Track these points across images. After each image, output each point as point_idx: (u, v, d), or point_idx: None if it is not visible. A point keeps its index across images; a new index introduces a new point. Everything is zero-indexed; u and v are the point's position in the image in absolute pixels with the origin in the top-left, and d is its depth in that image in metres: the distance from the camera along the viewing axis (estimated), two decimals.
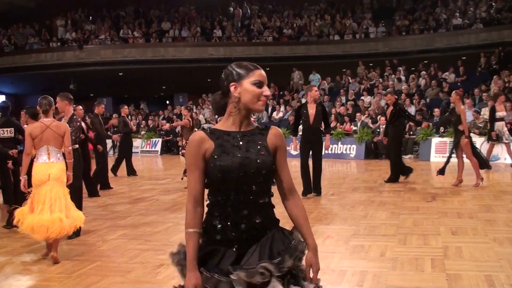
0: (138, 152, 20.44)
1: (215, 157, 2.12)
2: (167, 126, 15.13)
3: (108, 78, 25.36)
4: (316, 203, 8.20)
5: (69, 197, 5.47)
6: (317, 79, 21.46)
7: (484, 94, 16.09)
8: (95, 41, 25.05)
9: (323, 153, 8.90)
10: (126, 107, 12.80)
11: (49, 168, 5.37)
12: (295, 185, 2.34)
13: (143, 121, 23.15)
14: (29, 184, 5.45)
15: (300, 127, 8.86)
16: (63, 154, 5.62)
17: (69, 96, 6.71)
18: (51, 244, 5.32)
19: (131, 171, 12.89)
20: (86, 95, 26.27)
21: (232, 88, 2.18)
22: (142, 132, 21.78)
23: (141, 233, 6.50)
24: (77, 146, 6.76)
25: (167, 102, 29.48)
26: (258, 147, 2.18)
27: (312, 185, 8.72)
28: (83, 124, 8.13)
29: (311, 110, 8.49)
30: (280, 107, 20.12)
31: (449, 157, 9.56)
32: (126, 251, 5.62)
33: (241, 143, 2.18)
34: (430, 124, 13.28)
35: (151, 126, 22.38)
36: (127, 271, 4.88)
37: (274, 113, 19.91)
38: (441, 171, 9.49)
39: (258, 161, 2.13)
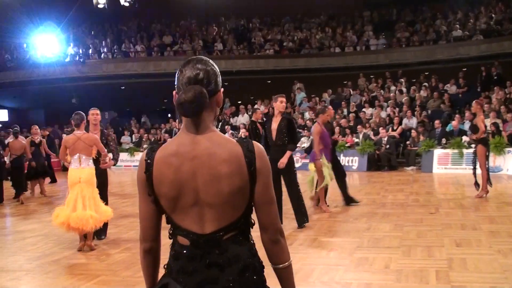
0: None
1: None
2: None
3: (110, 91, 25.43)
4: (319, 216, 8.18)
5: (97, 196, 6.27)
6: (301, 97, 21.66)
7: (486, 105, 16.09)
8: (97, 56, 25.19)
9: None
10: (259, 111, 10.42)
11: (80, 173, 6.19)
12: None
13: (145, 135, 23.14)
14: None
15: None
16: (93, 160, 6.43)
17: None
18: (86, 236, 6.25)
19: None
20: (88, 109, 26.28)
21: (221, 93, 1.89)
22: (145, 146, 21.79)
23: None
24: None
25: (169, 115, 29.53)
26: None
27: (295, 214, 7.23)
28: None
29: (274, 124, 7.19)
30: None
31: (474, 168, 9.21)
32: (130, 264, 5.61)
33: None
34: None
35: (152, 140, 22.38)
36: (131, 285, 4.87)
37: None
38: (477, 184, 9.15)
39: None
